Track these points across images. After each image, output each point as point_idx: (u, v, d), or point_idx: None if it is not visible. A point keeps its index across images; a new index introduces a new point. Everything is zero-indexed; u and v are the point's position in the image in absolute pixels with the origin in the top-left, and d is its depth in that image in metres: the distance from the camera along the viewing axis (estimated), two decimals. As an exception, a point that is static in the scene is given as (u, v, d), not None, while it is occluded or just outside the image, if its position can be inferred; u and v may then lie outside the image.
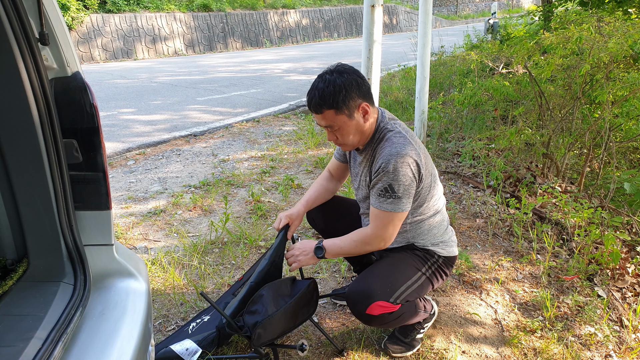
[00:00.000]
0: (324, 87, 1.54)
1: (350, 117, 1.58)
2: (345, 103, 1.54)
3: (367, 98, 1.60)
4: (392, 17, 22.72)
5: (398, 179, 1.55)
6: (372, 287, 1.62)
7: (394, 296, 1.63)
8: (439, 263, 1.80)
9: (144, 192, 3.49)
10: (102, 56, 12.07)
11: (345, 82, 1.53)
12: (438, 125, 5.05)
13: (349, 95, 1.54)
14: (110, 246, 1.26)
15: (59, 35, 1.11)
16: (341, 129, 1.60)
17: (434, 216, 1.77)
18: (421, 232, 1.77)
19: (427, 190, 1.69)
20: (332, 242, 1.71)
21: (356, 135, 1.63)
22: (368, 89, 1.61)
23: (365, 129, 1.63)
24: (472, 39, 10.14)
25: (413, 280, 1.71)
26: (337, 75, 1.55)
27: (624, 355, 1.97)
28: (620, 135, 3.75)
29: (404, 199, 1.58)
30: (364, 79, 1.60)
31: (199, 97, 7.04)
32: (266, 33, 16.51)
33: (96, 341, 1.07)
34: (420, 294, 1.77)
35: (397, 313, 1.66)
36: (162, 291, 2.26)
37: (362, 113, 1.59)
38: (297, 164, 4.13)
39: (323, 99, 1.53)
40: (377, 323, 1.68)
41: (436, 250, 1.79)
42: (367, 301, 1.60)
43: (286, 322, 1.68)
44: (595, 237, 2.68)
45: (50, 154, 1.10)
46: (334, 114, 1.56)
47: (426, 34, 4.12)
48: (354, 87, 1.55)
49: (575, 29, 3.25)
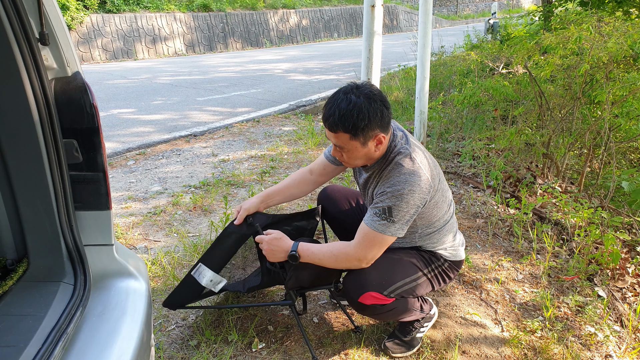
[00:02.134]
0: (346, 108, 1.45)
1: (364, 145, 1.52)
2: (363, 132, 1.47)
3: (385, 129, 1.53)
4: (392, 17, 22.71)
5: (400, 206, 1.51)
6: (367, 277, 1.63)
7: (389, 289, 1.64)
8: (444, 267, 1.80)
9: (144, 192, 3.49)
10: (102, 56, 12.07)
11: (370, 111, 1.45)
12: (438, 125, 5.05)
13: (370, 126, 1.47)
14: (110, 246, 1.26)
15: (59, 35, 1.11)
16: (350, 152, 1.55)
17: (444, 227, 1.76)
18: (430, 240, 1.77)
19: (434, 205, 1.66)
20: (308, 250, 1.63)
21: (363, 160, 1.60)
22: (389, 119, 1.54)
23: (375, 156, 1.59)
24: (472, 39, 10.14)
25: (412, 278, 1.71)
26: (364, 101, 1.45)
27: (624, 355, 1.97)
28: (620, 135, 3.75)
29: (397, 225, 1.54)
30: (389, 109, 1.53)
31: (199, 97, 7.04)
32: (266, 33, 16.51)
33: (96, 341, 1.07)
34: (417, 293, 1.76)
35: (390, 306, 1.67)
36: (162, 291, 2.26)
37: (376, 143, 1.53)
38: (297, 164, 4.13)
39: (342, 121, 1.46)
40: (369, 313, 1.70)
41: (443, 254, 1.79)
42: (360, 290, 1.61)
43: (317, 274, 1.73)
44: (595, 237, 2.68)
45: (50, 154, 1.10)
46: (348, 139, 1.50)
47: (426, 34, 4.12)
48: (377, 118, 1.47)
49: (575, 29, 3.25)
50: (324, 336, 1.96)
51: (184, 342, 1.93)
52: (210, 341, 1.92)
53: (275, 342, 1.93)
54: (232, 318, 2.06)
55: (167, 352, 1.87)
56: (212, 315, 2.08)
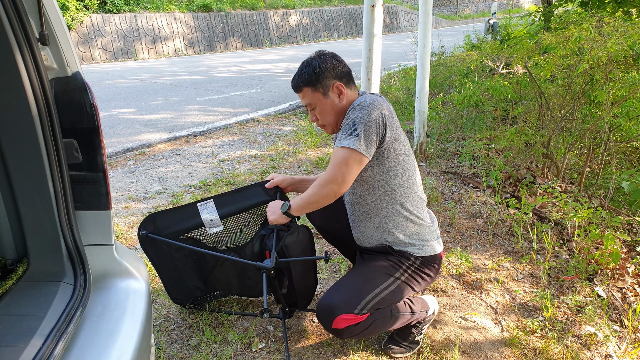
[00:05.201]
0: (302, 67, 1.72)
1: (325, 95, 1.70)
2: (319, 81, 1.68)
3: (342, 79, 1.71)
4: (392, 17, 22.71)
5: (361, 118, 1.58)
6: (334, 301, 1.60)
7: (359, 307, 1.60)
8: (415, 265, 1.74)
9: (144, 192, 3.49)
10: (102, 56, 12.07)
11: (320, 63, 1.69)
12: (438, 125, 5.05)
13: (323, 74, 1.68)
14: (110, 246, 1.26)
15: (59, 35, 1.11)
16: (318, 107, 1.72)
17: (408, 199, 1.71)
18: (396, 219, 1.71)
19: (396, 156, 1.66)
20: (295, 200, 1.74)
21: (333, 115, 1.73)
22: (345, 72, 1.73)
23: (342, 109, 1.72)
24: (472, 39, 10.15)
25: (383, 287, 1.67)
26: (315, 57, 1.73)
27: (624, 355, 1.97)
28: (620, 136, 3.75)
29: (362, 139, 1.56)
30: (340, 62, 1.74)
31: (199, 97, 7.04)
32: (266, 33, 16.51)
33: (96, 341, 1.07)
34: (396, 300, 1.72)
35: (366, 323, 1.63)
36: (162, 291, 2.26)
37: (337, 93, 1.70)
38: (297, 164, 4.13)
39: (300, 76, 1.71)
40: (347, 335, 1.65)
41: (412, 251, 1.73)
42: (330, 316, 1.59)
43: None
44: (595, 237, 2.68)
45: (50, 154, 1.10)
46: (310, 92, 1.70)
47: (426, 34, 4.12)
48: (328, 67, 1.69)
49: (575, 29, 3.25)
50: (324, 336, 1.96)
51: (184, 342, 1.93)
52: (210, 341, 1.92)
53: (275, 342, 1.93)
54: (232, 318, 2.06)
55: (167, 352, 1.87)
56: (212, 315, 2.08)
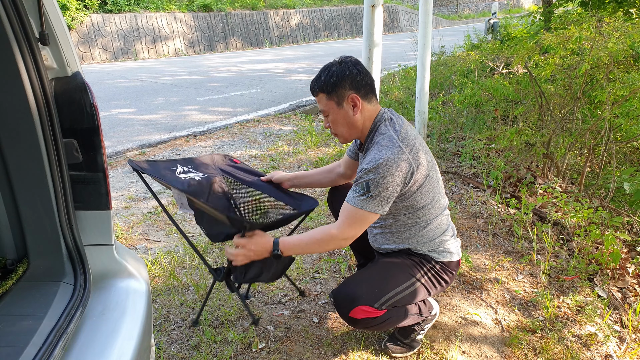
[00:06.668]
0: (321, 72, 1.64)
1: (339, 106, 1.62)
2: (334, 90, 1.59)
3: (359, 91, 1.61)
4: (392, 17, 22.71)
5: (377, 180, 1.51)
6: (357, 291, 1.61)
7: (380, 302, 1.61)
8: (435, 269, 1.75)
9: (144, 192, 3.49)
10: (103, 56, 12.08)
11: (339, 70, 1.60)
12: (438, 125, 5.05)
13: (340, 84, 1.59)
14: (110, 246, 1.26)
15: (59, 35, 1.11)
16: (331, 116, 1.65)
17: (432, 221, 1.72)
18: (418, 235, 1.72)
19: (419, 189, 1.63)
20: (290, 242, 1.63)
21: (345, 127, 1.66)
22: (365, 84, 1.62)
23: (356, 122, 1.64)
24: (473, 39, 10.14)
25: (404, 286, 1.68)
26: (336, 64, 1.63)
27: (624, 355, 1.97)
28: (620, 136, 3.75)
29: (376, 201, 1.54)
30: (362, 72, 1.62)
31: (199, 97, 7.04)
32: (266, 33, 16.51)
33: (96, 341, 1.07)
34: (412, 301, 1.73)
35: (382, 318, 1.65)
36: (162, 291, 2.26)
37: (352, 105, 1.61)
38: (297, 164, 4.13)
39: (317, 82, 1.63)
40: (361, 326, 1.68)
41: (433, 256, 1.75)
42: (350, 305, 1.59)
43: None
44: (596, 237, 2.68)
45: (50, 154, 1.10)
46: (325, 99, 1.63)
47: (426, 34, 4.12)
48: (346, 76, 1.59)
49: (575, 29, 3.25)
50: (324, 336, 1.96)
51: (184, 342, 1.93)
52: (210, 341, 1.92)
53: (275, 342, 1.93)
54: (232, 318, 2.06)
55: (167, 352, 1.87)
56: (212, 315, 2.09)
